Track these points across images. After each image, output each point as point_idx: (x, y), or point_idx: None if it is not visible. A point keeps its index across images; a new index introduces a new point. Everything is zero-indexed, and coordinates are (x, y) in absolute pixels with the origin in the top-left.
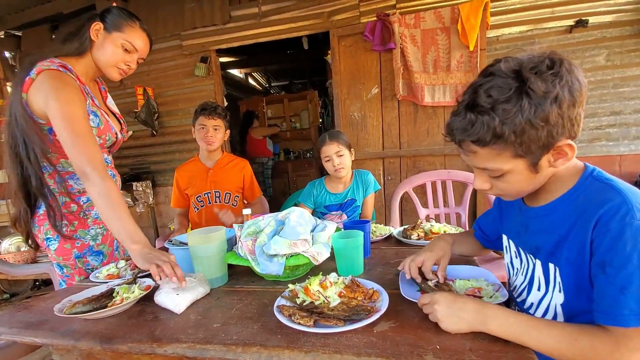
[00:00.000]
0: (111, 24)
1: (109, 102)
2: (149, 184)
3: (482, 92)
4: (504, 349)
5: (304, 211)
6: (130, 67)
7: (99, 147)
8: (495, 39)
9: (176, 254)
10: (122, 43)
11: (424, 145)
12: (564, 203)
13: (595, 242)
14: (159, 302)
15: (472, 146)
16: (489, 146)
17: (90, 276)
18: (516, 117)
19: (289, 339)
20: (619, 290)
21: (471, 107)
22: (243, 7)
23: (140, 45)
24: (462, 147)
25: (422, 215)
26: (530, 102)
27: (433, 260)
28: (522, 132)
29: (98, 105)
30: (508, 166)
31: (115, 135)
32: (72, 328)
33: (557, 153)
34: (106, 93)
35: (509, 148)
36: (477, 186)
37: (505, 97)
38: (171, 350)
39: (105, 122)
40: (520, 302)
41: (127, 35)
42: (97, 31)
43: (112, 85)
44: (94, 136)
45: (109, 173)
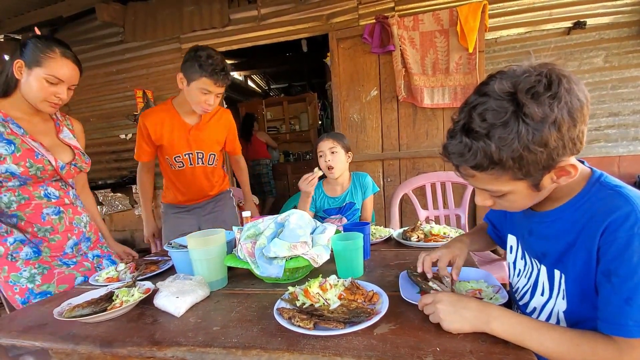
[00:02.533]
0: (30, 59)
1: (62, 136)
2: None
3: (477, 115)
4: (505, 351)
5: (303, 213)
6: (61, 97)
7: None
8: (493, 40)
9: (175, 257)
10: (45, 77)
11: (423, 147)
12: (571, 209)
13: (602, 249)
14: (159, 305)
15: (470, 170)
16: (487, 171)
17: (90, 279)
18: (513, 143)
19: (289, 342)
20: (625, 300)
21: (467, 132)
22: (242, 10)
23: (65, 75)
24: (459, 171)
25: (421, 216)
26: (527, 127)
27: (449, 257)
28: (520, 157)
29: (21, 134)
30: (508, 188)
31: (50, 163)
32: (72, 332)
33: (559, 171)
34: (60, 127)
35: (508, 172)
36: (479, 202)
37: (501, 121)
38: (171, 353)
39: (25, 150)
40: (522, 306)
41: (48, 68)
42: (20, 69)
43: (112, 87)
44: None
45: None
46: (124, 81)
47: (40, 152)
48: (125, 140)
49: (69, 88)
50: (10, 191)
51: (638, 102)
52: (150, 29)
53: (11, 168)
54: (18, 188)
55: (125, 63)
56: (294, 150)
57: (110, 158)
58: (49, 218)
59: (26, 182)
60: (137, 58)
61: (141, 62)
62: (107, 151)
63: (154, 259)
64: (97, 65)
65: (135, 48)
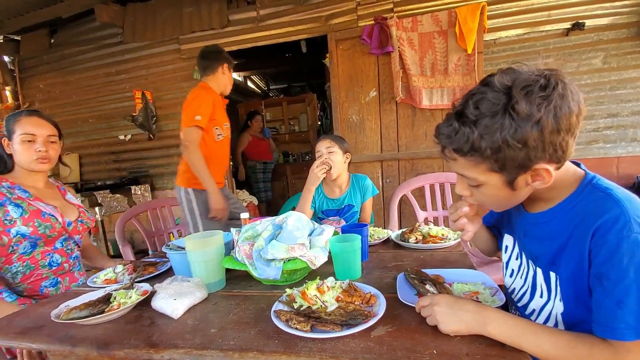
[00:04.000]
0: (8, 132)
1: (67, 197)
2: (147, 187)
3: (472, 103)
4: (501, 354)
5: (301, 215)
6: (42, 151)
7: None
8: (492, 42)
9: (173, 259)
10: (20, 138)
11: (422, 148)
12: (562, 211)
13: (593, 252)
14: (157, 307)
15: (453, 154)
16: (467, 157)
17: (88, 281)
18: (495, 133)
19: (286, 345)
20: (616, 304)
21: (459, 117)
22: (241, 11)
23: (34, 128)
24: (444, 152)
25: (420, 218)
26: (511, 122)
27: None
28: (498, 149)
29: (26, 197)
30: (483, 178)
31: (57, 220)
32: (69, 334)
33: (534, 175)
34: (65, 191)
35: (485, 162)
36: (457, 191)
37: (490, 112)
38: (168, 356)
39: (33, 211)
40: (521, 307)
41: (19, 129)
42: (8, 145)
43: (111, 88)
44: None
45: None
46: (123, 82)
47: (46, 212)
48: (124, 141)
49: (51, 142)
50: (20, 260)
51: (636, 103)
52: (150, 30)
53: (21, 230)
54: (28, 257)
55: (124, 64)
56: (293, 151)
57: (110, 159)
58: (46, 290)
59: (37, 243)
60: (136, 59)
61: (140, 63)
62: (106, 152)
63: (152, 260)
64: (96, 66)
65: (135, 49)
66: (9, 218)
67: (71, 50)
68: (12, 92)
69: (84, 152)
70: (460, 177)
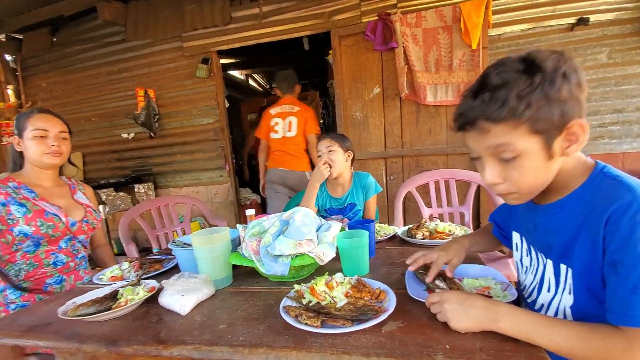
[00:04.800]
0: (19, 129)
1: (76, 197)
2: (151, 185)
3: (493, 74)
4: (515, 348)
5: (308, 211)
6: (55, 145)
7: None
8: (497, 37)
9: (180, 256)
10: (32, 133)
11: (427, 144)
12: (574, 201)
13: (607, 240)
14: (164, 303)
15: (487, 124)
16: (504, 122)
17: (94, 278)
18: (531, 91)
19: (296, 340)
20: (631, 290)
21: (483, 88)
22: (244, 8)
23: (47, 124)
24: (472, 130)
25: (425, 214)
26: (542, 77)
27: (445, 260)
28: (537, 106)
29: (32, 197)
30: (523, 144)
31: (60, 220)
32: (76, 331)
33: (569, 135)
34: (75, 190)
35: (525, 124)
36: (488, 179)
37: (517, 75)
38: (177, 352)
39: (36, 211)
40: (530, 303)
41: (31, 125)
42: (18, 142)
43: (113, 86)
44: None
45: (78, 260)
46: (125, 80)
47: (50, 211)
48: (127, 140)
49: (62, 137)
50: (24, 258)
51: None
52: (152, 28)
53: (24, 229)
54: (32, 256)
55: (126, 62)
56: None
57: (112, 157)
58: (50, 287)
59: (40, 242)
60: (139, 57)
61: (142, 61)
62: (109, 150)
63: (157, 257)
64: (99, 65)
65: (137, 47)
66: (12, 217)
67: (73, 48)
68: (14, 90)
69: (87, 151)
70: (491, 162)
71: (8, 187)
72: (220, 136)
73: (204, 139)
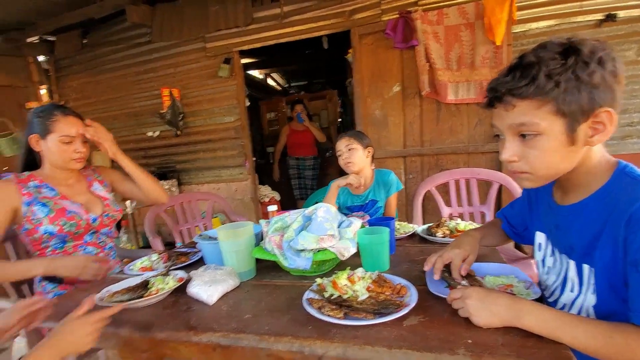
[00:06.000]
0: (41, 130)
1: (93, 189)
2: (174, 182)
3: (531, 53)
4: (538, 345)
5: (330, 207)
6: (81, 151)
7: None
8: (521, 33)
9: (205, 248)
10: (59, 140)
11: (447, 143)
12: (595, 201)
13: (629, 240)
14: (192, 293)
15: (513, 99)
16: (530, 98)
17: (125, 269)
18: (563, 70)
19: (319, 331)
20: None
21: (517, 65)
22: (265, 9)
23: (73, 130)
24: (500, 105)
25: (445, 213)
26: (577, 59)
27: (462, 258)
28: (566, 87)
29: (52, 196)
30: (545, 123)
31: (81, 218)
32: (112, 316)
33: (595, 123)
34: (91, 182)
35: (551, 102)
36: (505, 156)
37: (552, 54)
38: (206, 338)
39: (58, 210)
40: (552, 303)
41: (59, 131)
42: (37, 142)
43: (140, 86)
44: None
45: (106, 250)
46: (151, 80)
47: (70, 210)
48: (152, 138)
49: (84, 141)
50: (53, 253)
51: None
52: (177, 29)
53: (49, 229)
54: (60, 251)
55: (152, 63)
56: None
57: (138, 155)
58: None
59: (65, 240)
60: (164, 58)
61: (168, 61)
62: (135, 148)
63: (183, 250)
64: (126, 65)
65: (162, 48)
66: (37, 217)
67: (102, 50)
68: (47, 90)
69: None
70: (510, 139)
71: (29, 187)
72: (240, 134)
73: (225, 137)
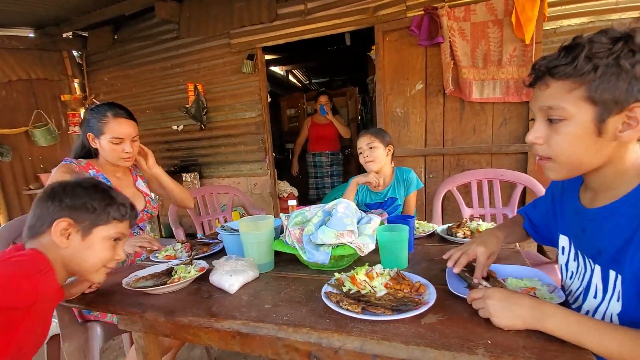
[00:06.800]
0: (95, 130)
1: (137, 184)
2: (196, 175)
3: (587, 35)
4: (561, 349)
5: (350, 203)
6: (129, 152)
7: None
8: (552, 31)
9: (227, 240)
10: (110, 140)
11: (470, 143)
12: (627, 204)
13: None
14: (214, 281)
15: (549, 79)
16: (564, 79)
17: (151, 256)
18: (605, 55)
19: (337, 324)
20: None
21: (568, 45)
22: (289, 5)
23: (122, 132)
24: (537, 85)
25: (465, 214)
26: (624, 45)
27: (487, 255)
28: (603, 72)
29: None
30: (573, 109)
31: None
32: (138, 301)
33: (628, 118)
34: (136, 177)
35: (583, 87)
36: (530, 137)
37: (605, 39)
38: (227, 325)
39: None
40: (575, 309)
41: (109, 132)
42: (93, 140)
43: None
44: None
45: None
46: (177, 75)
47: None
48: (177, 131)
49: (134, 141)
50: None
51: None
52: (203, 26)
53: None
54: None
55: (178, 58)
56: None
57: (163, 147)
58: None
59: None
60: (190, 53)
61: (193, 57)
62: (161, 141)
63: (205, 241)
64: (154, 61)
65: (189, 44)
66: None
67: (132, 45)
68: (79, 84)
69: (141, 141)
70: (539, 120)
71: (89, 174)
72: (261, 130)
73: (247, 132)
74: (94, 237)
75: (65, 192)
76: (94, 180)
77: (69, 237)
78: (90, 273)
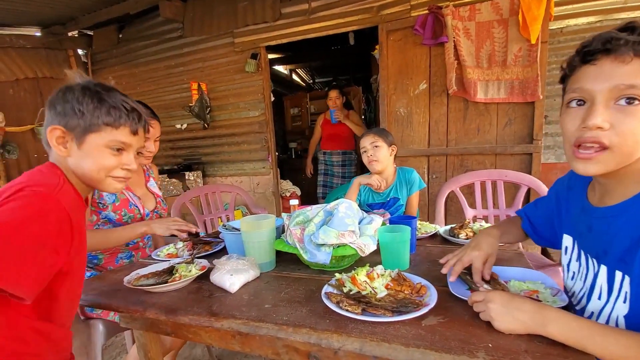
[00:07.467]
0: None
1: (149, 184)
2: (199, 174)
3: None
4: (563, 353)
5: (352, 203)
6: (152, 151)
7: None
8: (558, 30)
9: (228, 238)
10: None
11: (474, 143)
12: (636, 204)
13: None
14: (215, 281)
15: (628, 55)
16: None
17: (152, 254)
18: None
19: (337, 324)
20: None
21: (636, 27)
22: (293, 4)
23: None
24: (605, 58)
25: (469, 215)
26: None
27: (482, 259)
28: None
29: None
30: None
31: (139, 212)
32: (140, 299)
33: None
34: (148, 177)
35: None
36: (596, 120)
37: None
38: (227, 324)
39: (123, 200)
40: (579, 311)
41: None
42: None
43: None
44: None
45: (145, 239)
46: (181, 74)
47: (132, 202)
48: (180, 130)
49: (155, 140)
50: None
51: None
52: (207, 25)
53: (110, 215)
54: None
55: (182, 57)
56: None
57: (167, 146)
58: (121, 262)
59: (116, 227)
60: (194, 52)
61: (197, 56)
62: (164, 140)
63: (207, 240)
64: (158, 59)
65: (193, 43)
66: (103, 202)
67: (137, 44)
68: None
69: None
70: (604, 102)
71: None
72: (264, 129)
73: (250, 131)
74: (89, 145)
75: (57, 98)
76: (91, 82)
77: (66, 146)
78: (97, 183)
